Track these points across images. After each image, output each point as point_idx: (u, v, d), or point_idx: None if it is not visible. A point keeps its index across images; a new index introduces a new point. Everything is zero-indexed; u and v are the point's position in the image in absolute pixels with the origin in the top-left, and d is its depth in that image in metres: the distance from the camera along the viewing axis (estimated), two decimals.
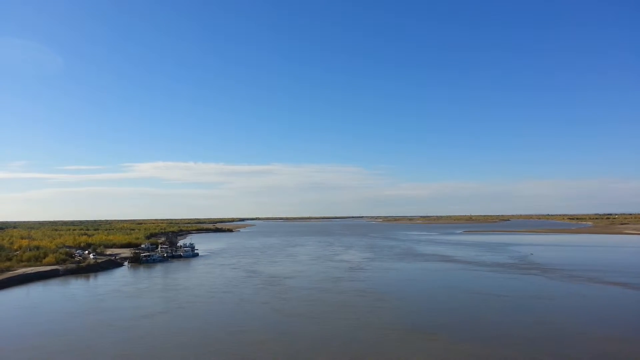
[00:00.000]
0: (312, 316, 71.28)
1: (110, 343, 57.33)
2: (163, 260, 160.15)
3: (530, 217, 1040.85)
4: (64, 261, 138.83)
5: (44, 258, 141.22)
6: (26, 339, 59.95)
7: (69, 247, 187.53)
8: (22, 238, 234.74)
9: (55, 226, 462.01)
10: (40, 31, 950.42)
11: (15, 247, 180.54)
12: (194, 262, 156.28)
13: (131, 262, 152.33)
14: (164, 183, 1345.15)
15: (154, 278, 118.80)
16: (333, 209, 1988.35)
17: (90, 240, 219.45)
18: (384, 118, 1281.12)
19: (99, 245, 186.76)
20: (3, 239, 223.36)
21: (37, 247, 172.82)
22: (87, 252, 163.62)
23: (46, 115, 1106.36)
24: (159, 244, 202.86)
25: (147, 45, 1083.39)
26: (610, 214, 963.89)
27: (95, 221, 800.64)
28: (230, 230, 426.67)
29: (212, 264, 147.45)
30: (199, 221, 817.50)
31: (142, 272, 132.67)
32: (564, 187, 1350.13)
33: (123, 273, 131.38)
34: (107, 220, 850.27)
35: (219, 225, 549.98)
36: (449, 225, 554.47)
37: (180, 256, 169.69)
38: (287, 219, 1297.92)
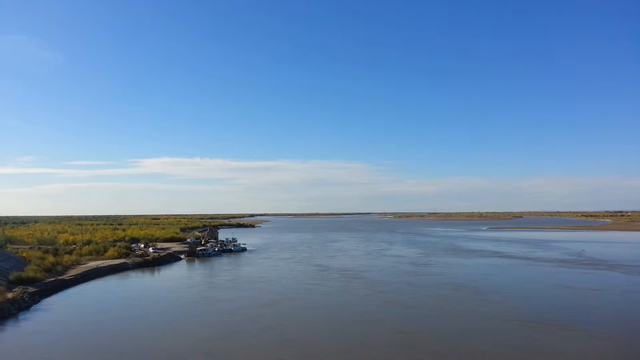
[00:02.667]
0: (429, 308, 72.12)
1: (272, 329, 58.24)
2: (216, 254, 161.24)
3: (541, 214, 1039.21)
4: (126, 255, 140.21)
5: (105, 252, 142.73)
6: (183, 326, 60.87)
7: (117, 241, 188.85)
8: (59, 233, 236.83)
9: (78, 221, 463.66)
10: (42, 26, 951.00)
11: (61, 242, 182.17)
12: (248, 256, 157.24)
13: (188, 256, 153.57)
14: (170, 179, 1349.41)
15: (226, 271, 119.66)
16: (339, 205, 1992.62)
17: (127, 234, 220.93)
18: (389, 114, 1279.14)
19: (150, 240, 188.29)
20: (42, 233, 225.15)
21: (89, 241, 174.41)
22: (142, 245, 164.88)
23: (53, 110, 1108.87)
24: (202, 238, 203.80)
25: (154, 40, 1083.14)
26: (622, 212, 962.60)
27: (108, 216, 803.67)
28: (252, 226, 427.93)
29: (270, 258, 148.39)
30: (211, 217, 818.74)
31: (205, 265, 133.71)
32: (571, 184, 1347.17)
33: (187, 266, 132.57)
34: (118, 215, 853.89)
35: (231, 221, 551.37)
36: (465, 222, 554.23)
37: (230, 251, 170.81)
38: (295, 215, 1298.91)
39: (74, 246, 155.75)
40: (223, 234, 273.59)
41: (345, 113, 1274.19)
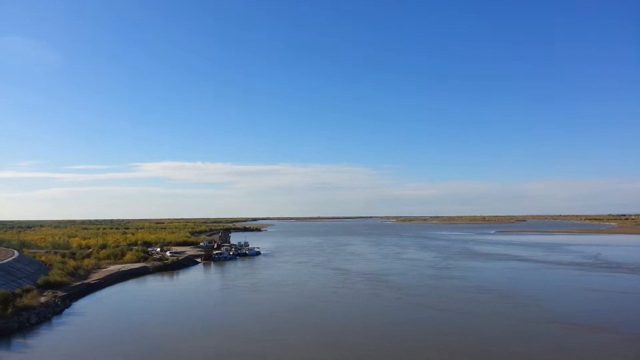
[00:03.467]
0: (463, 311, 72.10)
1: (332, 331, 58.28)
2: (232, 258, 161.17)
3: (544, 217, 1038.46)
4: (144, 259, 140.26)
5: (123, 256, 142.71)
6: (225, 328, 60.87)
7: (131, 245, 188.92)
8: (69, 237, 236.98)
9: (82, 225, 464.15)
10: (40, 27, 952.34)
11: (74, 246, 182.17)
12: (264, 260, 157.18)
13: (204, 260, 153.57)
14: (171, 183, 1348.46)
15: (248, 274, 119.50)
16: (340, 209, 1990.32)
17: (139, 238, 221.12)
18: (390, 117, 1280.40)
19: (163, 244, 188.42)
20: (54, 237, 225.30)
21: (104, 245, 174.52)
22: (158, 249, 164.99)
23: (53, 113, 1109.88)
24: (215, 242, 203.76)
25: (155, 43, 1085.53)
26: (624, 215, 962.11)
27: (111, 220, 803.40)
28: (258, 230, 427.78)
29: (287, 262, 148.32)
30: (215, 221, 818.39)
31: (223, 268, 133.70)
32: (570, 188, 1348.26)
33: (205, 270, 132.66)
34: (121, 220, 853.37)
35: (237, 225, 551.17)
36: (470, 226, 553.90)
37: (245, 254, 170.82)
38: (298, 218, 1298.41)
39: (90, 250, 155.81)
40: (233, 238, 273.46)
41: (347, 117, 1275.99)
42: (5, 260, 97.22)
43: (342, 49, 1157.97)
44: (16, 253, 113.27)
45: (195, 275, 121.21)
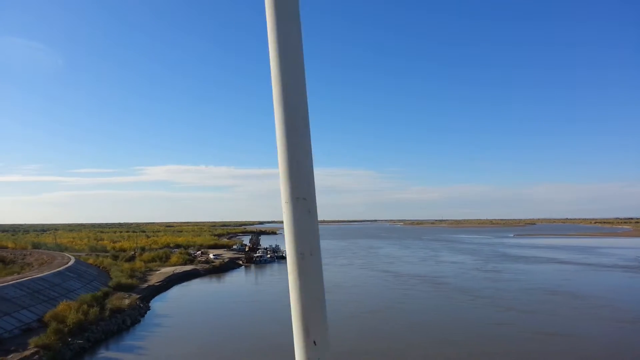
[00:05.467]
0: (547, 312, 72.51)
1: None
2: (271, 261, 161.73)
3: (552, 221, 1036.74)
4: (190, 261, 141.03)
5: (167, 259, 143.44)
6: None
7: (166, 247, 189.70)
8: (97, 240, 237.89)
9: (92, 229, 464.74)
10: (43, 31, 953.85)
11: (109, 249, 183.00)
12: None
13: (245, 263, 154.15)
14: (175, 186, 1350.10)
15: None
16: (343, 212, 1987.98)
17: (171, 241, 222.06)
18: (393, 120, 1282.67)
19: (193, 246, 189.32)
20: (82, 240, 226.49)
21: (143, 248, 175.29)
22: (198, 252, 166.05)
23: (56, 117, 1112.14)
24: (247, 245, 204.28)
25: (157, 46, 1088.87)
26: (631, 218, 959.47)
27: (121, 224, 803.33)
28: (274, 233, 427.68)
29: (327, 264, 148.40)
30: (223, 224, 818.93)
31: (269, 271, 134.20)
32: (575, 191, 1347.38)
33: (251, 272, 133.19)
34: (130, 223, 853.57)
35: (246, 228, 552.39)
36: (483, 229, 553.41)
37: (282, 257, 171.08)
38: None
39: (132, 253, 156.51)
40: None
41: (349, 120, 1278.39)
42: (71, 263, 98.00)
43: (344, 52, 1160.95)
44: (72, 257, 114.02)
45: (247, 277, 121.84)
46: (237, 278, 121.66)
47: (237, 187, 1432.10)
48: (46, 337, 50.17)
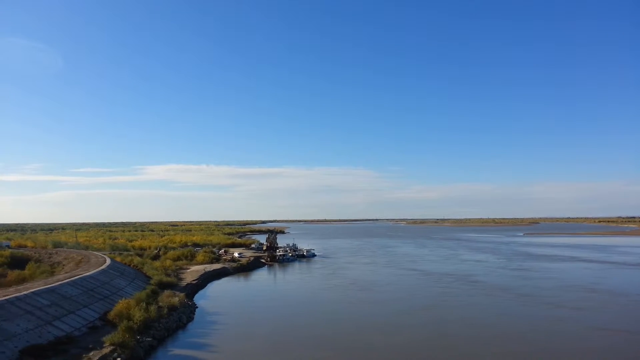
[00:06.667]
0: (599, 309, 72.74)
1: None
2: (293, 259, 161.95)
3: (555, 220, 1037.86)
4: (216, 260, 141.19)
5: (192, 257, 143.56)
6: (376, 326, 61.70)
7: (184, 246, 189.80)
8: (111, 239, 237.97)
9: (102, 228, 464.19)
10: (43, 31, 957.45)
11: (128, 247, 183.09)
12: (325, 261, 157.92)
13: (269, 261, 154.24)
14: (175, 185, 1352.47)
15: (330, 275, 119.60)
16: (343, 211, 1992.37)
17: (183, 240, 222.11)
18: (393, 120, 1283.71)
19: (212, 246, 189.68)
20: (97, 240, 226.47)
21: (166, 247, 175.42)
22: (222, 251, 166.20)
23: (57, 117, 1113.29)
24: (265, 244, 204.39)
25: (158, 46, 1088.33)
26: (634, 217, 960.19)
27: (124, 223, 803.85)
28: (282, 232, 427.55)
29: (352, 263, 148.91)
30: (227, 223, 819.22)
31: (295, 269, 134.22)
32: (576, 190, 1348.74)
33: (278, 270, 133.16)
34: (133, 222, 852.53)
35: (252, 228, 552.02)
36: (489, 228, 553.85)
37: (303, 256, 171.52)
38: (305, 221, 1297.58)
39: (155, 251, 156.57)
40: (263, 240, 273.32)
41: (350, 119, 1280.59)
42: (110, 262, 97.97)
43: (345, 52, 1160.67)
44: (106, 256, 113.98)
45: (276, 275, 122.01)
46: (267, 276, 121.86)
47: (237, 186, 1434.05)
48: (119, 335, 50.25)
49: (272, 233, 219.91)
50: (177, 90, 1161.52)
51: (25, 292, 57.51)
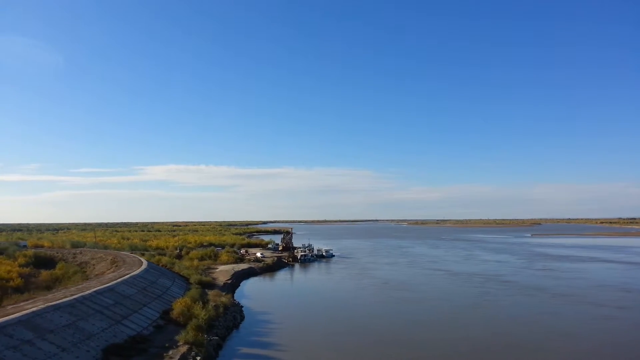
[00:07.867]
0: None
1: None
2: (313, 260, 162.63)
3: (557, 221, 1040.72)
4: (240, 260, 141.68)
5: (216, 257, 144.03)
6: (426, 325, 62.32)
7: (202, 246, 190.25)
8: (123, 239, 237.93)
9: (113, 227, 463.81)
10: (42, 30, 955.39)
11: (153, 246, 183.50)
12: (346, 261, 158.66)
13: (291, 261, 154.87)
14: (174, 186, 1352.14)
15: (357, 274, 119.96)
16: (343, 212, 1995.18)
17: (199, 240, 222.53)
18: (393, 121, 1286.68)
19: (235, 246, 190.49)
20: (111, 239, 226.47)
21: (182, 247, 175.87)
22: (243, 251, 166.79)
23: (55, 117, 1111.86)
24: (281, 244, 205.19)
25: (157, 46, 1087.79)
26: (634, 218, 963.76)
27: (126, 223, 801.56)
28: (288, 233, 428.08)
29: (374, 263, 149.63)
30: (229, 224, 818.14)
31: (317, 269, 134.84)
32: (576, 192, 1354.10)
33: (302, 270, 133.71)
34: (135, 223, 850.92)
35: (258, 228, 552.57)
36: (495, 229, 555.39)
37: (323, 256, 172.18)
38: (306, 221, 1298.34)
39: (177, 251, 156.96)
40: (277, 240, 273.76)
41: (350, 120, 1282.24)
42: (146, 263, 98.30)
43: (345, 53, 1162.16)
44: (139, 257, 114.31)
45: (302, 275, 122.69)
46: (294, 275, 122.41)
47: (237, 186, 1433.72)
48: (191, 333, 50.71)
49: (288, 234, 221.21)
50: (177, 90, 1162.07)
51: (89, 292, 57.91)
